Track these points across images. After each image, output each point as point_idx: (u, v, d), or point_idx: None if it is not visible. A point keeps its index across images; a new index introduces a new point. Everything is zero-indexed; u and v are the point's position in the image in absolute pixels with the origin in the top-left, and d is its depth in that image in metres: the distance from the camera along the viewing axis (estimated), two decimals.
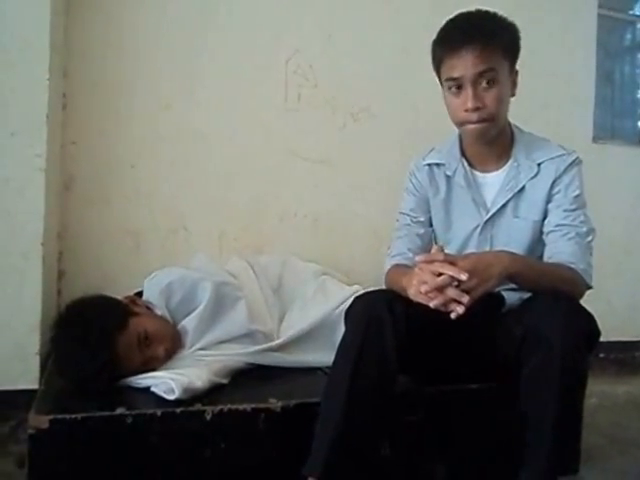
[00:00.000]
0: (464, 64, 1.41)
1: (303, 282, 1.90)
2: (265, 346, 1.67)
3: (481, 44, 1.40)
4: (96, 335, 1.43)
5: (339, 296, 1.80)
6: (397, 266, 1.56)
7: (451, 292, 1.27)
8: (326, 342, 1.70)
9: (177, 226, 2.20)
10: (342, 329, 1.53)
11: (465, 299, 1.25)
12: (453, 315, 1.27)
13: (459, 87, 1.44)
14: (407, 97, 2.44)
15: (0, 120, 1.72)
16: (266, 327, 1.73)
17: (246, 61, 2.26)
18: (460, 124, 1.49)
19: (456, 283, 1.27)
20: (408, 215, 1.66)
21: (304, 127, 2.34)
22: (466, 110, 1.44)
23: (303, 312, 1.80)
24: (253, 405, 1.42)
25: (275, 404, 1.43)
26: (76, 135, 2.08)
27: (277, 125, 2.31)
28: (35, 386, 1.68)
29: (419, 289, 1.30)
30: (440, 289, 1.27)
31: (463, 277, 1.25)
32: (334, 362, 1.38)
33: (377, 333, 1.34)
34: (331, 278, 1.95)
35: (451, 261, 1.29)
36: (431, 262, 1.30)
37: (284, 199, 2.33)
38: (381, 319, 1.34)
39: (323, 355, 1.66)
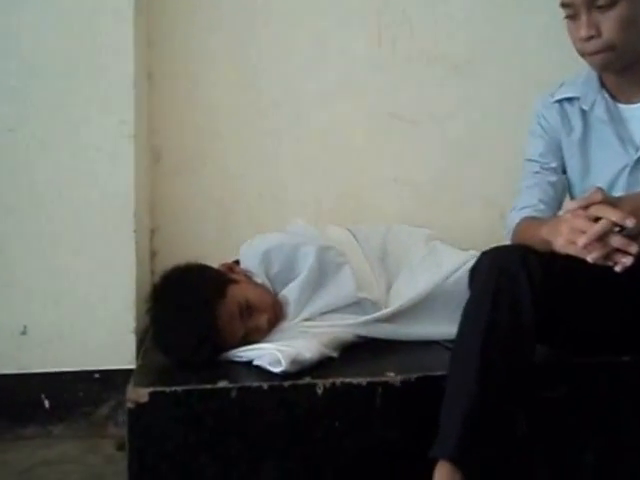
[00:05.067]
0: None
1: (411, 248, 1.72)
2: (376, 315, 1.50)
3: None
4: (196, 304, 1.33)
5: (454, 261, 1.60)
6: (528, 219, 1.38)
7: (616, 241, 1.06)
8: (441, 312, 1.53)
9: (269, 197, 2.10)
10: (459, 297, 1.39)
11: (634, 248, 1.05)
12: (618, 268, 1.06)
13: (574, 14, 1.25)
14: (514, 44, 2.20)
15: (88, 87, 1.69)
16: (374, 296, 1.56)
17: (334, 14, 2.12)
18: (580, 55, 1.31)
19: (618, 229, 1.07)
20: (537, 161, 1.47)
21: (401, 83, 2.16)
22: (581, 39, 1.26)
23: (412, 280, 1.62)
24: (369, 379, 1.27)
25: (394, 378, 1.28)
26: (162, 105, 2.03)
27: (371, 82, 2.14)
28: (132, 366, 1.63)
29: (572, 239, 1.10)
30: (599, 238, 1.06)
31: (630, 223, 1.05)
32: (460, 328, 1.20)
33: (510, 292, 1.15)
34: (442, 243, 1.75)
35: (612, 203, 1.09)
36: (587, 207, 1.10)
37: (383, 164, 2.16)
38: (515, 276, 1.16)
39: (439, 326, 1.51)
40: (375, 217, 2.11)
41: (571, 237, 1.10)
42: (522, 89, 2.15)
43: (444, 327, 1.45)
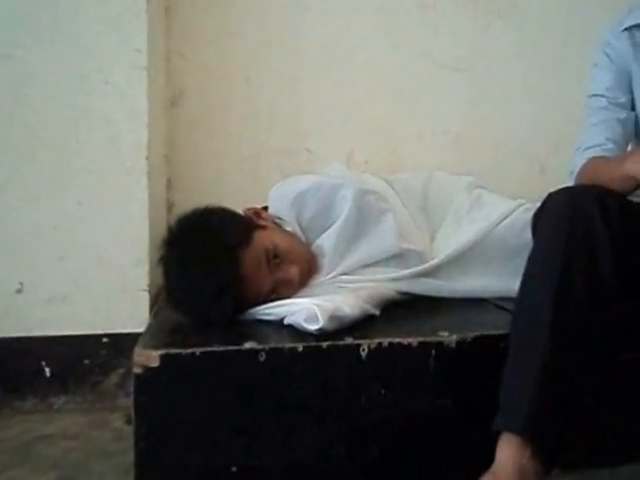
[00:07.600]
0: None
1: (454, 196, 1.56)
2: (422, 267, 1.35)
3: None
4: (216, 249, 1.17)
5: (502, 209, 1.46)
6: (596, 158, 1.27)
7: None
8: (489, 265, 1.41)
9: (299, 147, 1.99)
10: (507, 249, 1.38)
11: None
12: None
13: None
14: None
15: (95, 7, 1.52)
16: (418, 246, 1.40)
17: None
18: None
19: None
20: (603, 96, 1.37)
21: (441, 29, 2.07)
22: None
23: (458, 229, 1.48)
24: (420, 339, 1.12)
25: (449, 337, 1.13)
26: (183, 46, 1.92)
27: (409, 27, 2.05)
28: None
29: None
30: None
31: None
32: (525, 280, 1.07)
33: (587, 237, 1.01)
34: (488, 192, 1.60)
35: None
36: None
37: (420, 114, 2.07)
38: (591, 218, 1.02)
39: (488, 281, 1.39)
40: (411, 170, 1.95)
41: None
42: (570, 36, 2.08)
43: (493, 281, 1.38)
